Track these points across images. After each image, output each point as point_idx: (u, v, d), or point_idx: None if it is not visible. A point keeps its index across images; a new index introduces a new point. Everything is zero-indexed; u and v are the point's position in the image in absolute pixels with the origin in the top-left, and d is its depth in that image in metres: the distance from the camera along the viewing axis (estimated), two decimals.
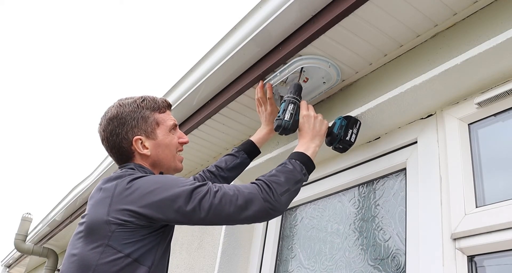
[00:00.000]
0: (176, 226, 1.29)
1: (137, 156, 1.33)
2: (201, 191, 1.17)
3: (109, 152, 1.36)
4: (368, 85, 1.68)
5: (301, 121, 1.44)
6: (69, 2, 27.87)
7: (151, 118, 1.34)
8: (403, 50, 1.57)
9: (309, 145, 1.39)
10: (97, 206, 1.20)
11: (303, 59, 1.64)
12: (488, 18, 1.32)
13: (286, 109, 1.44)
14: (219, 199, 1.17)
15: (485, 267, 1.21)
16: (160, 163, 1.35)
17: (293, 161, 1.32)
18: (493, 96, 1.30)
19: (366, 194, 1.73)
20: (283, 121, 1.41)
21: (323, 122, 1.46)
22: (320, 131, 1.44)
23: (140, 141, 1.31)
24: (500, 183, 1.27)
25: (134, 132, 1.31)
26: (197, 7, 32.80)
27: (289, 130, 1.42)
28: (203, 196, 1.16)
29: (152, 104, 1.37)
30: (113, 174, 1.27)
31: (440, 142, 1.43)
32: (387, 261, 1.51)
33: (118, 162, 1.36)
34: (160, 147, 1.34)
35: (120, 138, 1.31)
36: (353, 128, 1.51)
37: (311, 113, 1.45)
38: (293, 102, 1.45)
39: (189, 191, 1.16)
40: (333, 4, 1.45)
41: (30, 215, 5.78)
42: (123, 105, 1.34)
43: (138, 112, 1.33)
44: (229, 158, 1.74)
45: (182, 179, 1.22)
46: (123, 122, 1.31)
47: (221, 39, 1.83)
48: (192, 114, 2.26)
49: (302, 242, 1.94)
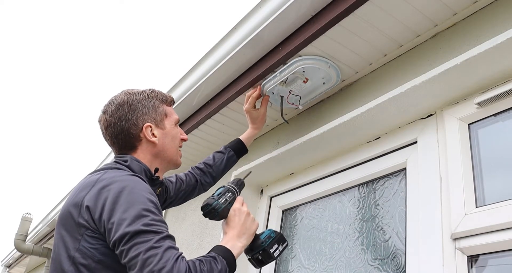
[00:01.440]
0: (175, 225, 1.29)
1: (144, 144, 1.31)
2: (144, 240, 1.02)
3: (113, 138, 1.31)
4: (368, 85, 1.68)
5: (231, 212, 1.31)
6: (70, 2, 27.85)
7: (160, 108, 1.36)
8: (403, 50, 1.57)
9: (236, 243, 1.24)
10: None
11: (303, 59, 1.64)
12: (488, 18, 1.32)
13: (223, 194, 1.34)
14: (148, 257, 1.01)
15: (485, 267, 1.21)
16: (165, 153, 1.35)
17: (221, 258, 1.14)
18: (493, 96, 1.30)
19: (366, 194, 1.73)
20: (215, 202, 1.30)
21: (254, 222, 1.33)
22: (249, 230, 1.29)
23: (150, 129, 1.31)
24: (500, 183, 1.27)
25: (144, 119, 1.31)
26: (197, 7, 32.75)
27: (217, 214, 1.30)
28: (140, 243, 1.02)
29: (160, 96, 1.38)
30: (95, 174, 1.23)
31: (440, 142, 1.43)
32: (387, 261, 1.51)
33: (119, 150, 1.33)
34: (167, 137, 1.35)
35: (129, 123, 1.29)
36: (280, 244, 1.37)
37: (244, 209, 1.33)
38: (232, 191, 1.37)
39: (137, 231, 1.03)
40: (333, 4, 1.45)
41: (30, 215, 5.78)
42: (132, 93, 1.34)
43: (148, 101, 1.34)
44: (217, 155, 1.76)
45: (148, 213, 1.08)
46: (134, 109, 1.31)
47: (221, 39, 1.83)
48: (192, 114, 2.27)
49: (302, 242, 1.94)
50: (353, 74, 1.72)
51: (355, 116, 1.61)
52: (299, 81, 1.69)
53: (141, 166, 1.27)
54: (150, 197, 1.12)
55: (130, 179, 1.15)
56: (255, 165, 2.08)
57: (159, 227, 1.06)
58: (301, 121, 1.96)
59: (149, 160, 1.32)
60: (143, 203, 1.08)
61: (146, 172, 1.28)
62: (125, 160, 1.27)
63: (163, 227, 1.08)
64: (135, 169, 1.25)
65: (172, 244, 1.06)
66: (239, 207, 1.33)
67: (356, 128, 1.68)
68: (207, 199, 1.33)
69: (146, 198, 1.10)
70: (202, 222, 2.41)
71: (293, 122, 2.01)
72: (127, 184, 1.12)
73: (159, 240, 1.03)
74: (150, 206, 1.09)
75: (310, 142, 1.82)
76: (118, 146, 1.32)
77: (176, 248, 1.05)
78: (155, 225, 1.05)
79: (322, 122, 1.79)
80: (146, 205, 1.08)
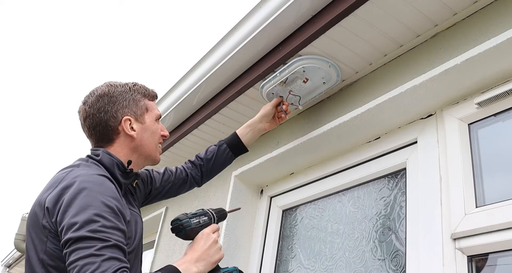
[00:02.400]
0: None
1: (122, 137, 1.29)
2: (86, 246, 0.98)
3: (91, 130, 1.29)
4: (368, 85, 1.68)
5: (199, 235, 1.26)
6: (70, 2, 27.87)
7: (141, 102, 1.33)
8: (403, 50, 1.57)
9: (190, 267, 1.16)
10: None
11: (303, 59, 1.64)
12: (488, 18, 1.32)
13: (199, 215, 1.31)
14: (85, 263, 0.97)
15: (485, 267, 1.21)
16: (143, 148, 1.32)
17: None
18: (493, 96, 1.30)
19: (366, 194, 1.73)
20: (186, 220, 1.26)
21: (220, 252, 1.26)
22: (211, 257, 1.22)
23: (129, 122, 1.29)
24: (500, 183, 1.27)
25: (124, 112, 1.28)
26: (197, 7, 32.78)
27: (184, 232, 1.26)
28: (81, 248, 0.98)
29: (143, 90, 1.36)
30: (64, 170, 1.20)
31: (440, 142, 1.43)
32: (387, 261, 1.51)
33: (96, 142, 1.30)
34: (146, 132, 1.32)
35: (108, 115, 1.27)
36: None
37: (214, 236, 1.27)
38: (209, 217, 1.33)
39: (81, 237, 0.99)
40: (333, 4, 1.45)
41: None
42: (114, 85, 1.32)
43: (129, 94, 1.31)
44: (211, 148, 1.72)
45: (99, 218, 1.03)
46: (114, 101, 1.28)
47: (221, 39, 1.83)
48: (192, 114, 2.27)
49: (302, 242, 1.94)
50: (353, 74, 1.72)
51: (355, 116, 1.61)
52: (299, 81, 1.69)
53: (113, 159, 1.24)
54: (108, 201, 1.07)
55: (92, 180, 1.11)
56: (255, 165, 2.08)
57: (107, 234, 1.00)
58: (301, 121, 1.96)
59: (125, 154, 1.29)
60: (97, 208, 1.04)
61: (118, 165, 1.25)
62: (97, 154, 1.25)
63: (114, 235, 1.02)
64: (106, 163, 1.23)
65: (117, 254, 0.99)
66: (208, 232, 1.27)
67: (356, 128, 1.68)
68: (181, 214, 1.30)
69: (102, 202, 1.05)
70: None
71: (293, 122, 2.01)
72: (85, 186, 1.08)
73: (101, 248, 0.98)
74: (104, 211, 1.04)
75: (310, 142, 1.82)
76: (95, 138, 1.30)
77: (120, 260, 0.99)
78: (103, 232, 1.00)
79: (322, 122, 1.79)
80: (100, 210, 1.04)
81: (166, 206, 2.93)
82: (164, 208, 2.92)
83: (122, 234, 1.06)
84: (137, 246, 1.23)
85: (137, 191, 1.43)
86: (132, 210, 1.28)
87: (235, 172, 2.22)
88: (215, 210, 1.37)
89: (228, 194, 2.20)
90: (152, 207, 3.14)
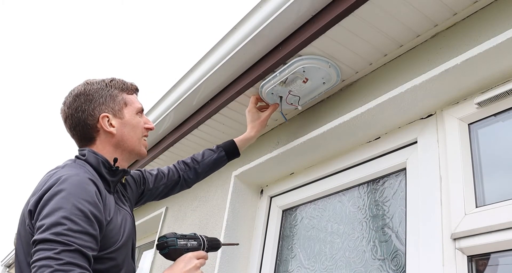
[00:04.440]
0: (175, 225, 1.28)
1: (102, 135, 1.28)
2: (47, 247, 0.97)
3: (72, 131, 1.30)
4: (368, 85, 1.68)
5: (181, 257, 1.24)
6: (70, 2, 27.88)
7: (119, 97, 1.32)
8: (403, 50, 1.57)
9: None
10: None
11: (303, 59, 1.64)
12: (488, 18, 1.32)
13: (188, 238, 1.29)
14: (41, 265, 0.96)
15: (485, 267, 1.21)
16: (125, 144, 1.31)
17: None
18: (493, 96, 1.30)
19: (366, 194, 1.73)
20: (172, 239, 1.25)
21: None
22: None
23: (107, 119, 1.28)
24: (500, 183, 1.27)
25: (101, 109, 1.28)
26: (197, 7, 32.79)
27: (167, 250, 1.25)
28: (42, 250, 0.98)
29: (120, 84, 1.35)
30: (51, 171, 1.20)
31: (440, 142, 1.43)
32: (387, 261, 1.51)
33: (80, 141, 1.31)
34: (126, 127, 1.31)
35: (86, 114, 1.27)
36: None
37: (195, 262, 1.24)
38: (199, 243, 1.31)
39: (43, 239, 0.98)
40: (333, 4, 1.45)
41: None
42: (90, 83, 1.31)
43: (106, 90, 1.31)
44: (207, 152, 1.72)
45: (67, 221, 1.02)
46: (90, 99, 1.28)
47: (221, 39, 1.83)
48: (192, 114, 2.27)
49: (302, 242, 1.94)
50: (353, 74, 1.72)
51: (355, 116, 1.61)
52: (298, 81, 1.69)
53: (98, 158, 1.24)
54: (81, 204, 1.05)
55: (70, 182, 1.09)
56: (255, 165, 2.08)
57: (71, 238, 0.99)
58: (301, 121, 1.96)
59: (109, 151, 1.29)
60: (67, 211, 1.02)
61: (104, 163, 1.25)
62: (83, 153, 1.25)
63: (78, 239, 1.00)
64: (92, 162, 1.23)
65: (76, 260, 0.97)
66: (191, 256, 1.25)
67: (356, 128, 1.68)
68: (170, 233, 1.28)
69: (74, 205, 1.04)
70: (202, 222, 2.41)
71: (293, 122, 2.01)
72: (62, 188, 1.07)
73: (61, 252, 0.96)
74: (74, 214, 1.02)
75: (310, 142, 1.82)
76: (77, 138, 1.30)
77: (79, 265, 0.97)
78: (66, 236, 0.99)
79: (322, 122, 1.79)
80: (70, 212, 1.02)
81: (166, 206, 2.93)
82: (164, 208, 2.92)
83: (91, 238, 1.04)
84: (126, 242, 1.22)
85: (129, 190, 1.43)
86: (122, 207, 1.29)
87: (235, 172, 2.22)
88: (208, 238, 1.34)
89: (228, 194, 2.20)
90: (152, 207, 3.14)
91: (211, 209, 2.37)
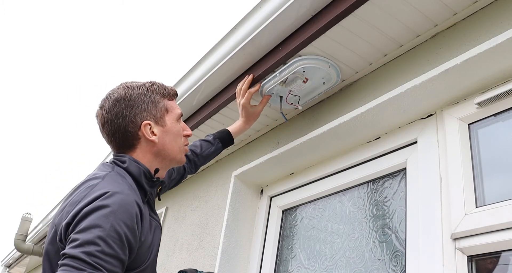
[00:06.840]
0: (175, 225, 1.27)
1: (143, 143, 1.23)
2: (75, 266, 0.95)
3: (110, 136, 1.23)
4: (368, 85, 1.68)
5: None
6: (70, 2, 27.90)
7: (161, 104, 1.26)
8: (403, 50, 1.57)
9: None
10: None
11: (303, 59, 1.64)
12: (488, 18, 1.32)
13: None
14: None
15: (485, 267, 1.21)
16: (166, 152, 1.26)
17: None
18: (493, 96, 1.30)
19: (366, 194, 1.73)
20: None
21: None
22: None
23: (149, 126, 1.22)
24: (500, 183, 1.27)
25: (143, 116, 1.22)
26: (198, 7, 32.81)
27: None
28: (70, 266, 0.95)
29: (162, 89, 1.29)
30: (92, 180, 1.14)
31: (440, 142, 1.43)
32: (387, 261, 1.51)
33: (118, 148, 1.24)
34: (168, 135, 1.26)
35: (127, 121, 1.20)
36: None
37: None
38: None
39: (74, 256, 0.96)
40: (333, 4, 1.45)
41: (30, 215, 5.79)
42: (131, 87, 1.24)
43: (148, 96, 1.24)
44: (205, 144, 1.71)
45: (101, 242, 0.99)
46: (132, 104, 1.21)
47: (221, 39, 1.83)
48: (192, 114, 2.27)
49: (302, 242, 1.94)
50: (353, 74, 1.72)
51: (355, 116, 1.61)
52: (298, 81, 1.69)
53: (140, 168, 1.20)
54: (119, 227, 1.02)
55: (115, 201, 1.05)
56: (255, 165, 2.08)
57: (101, 261, 0.96)
58: (301, 121, 1.96)
59: (149, 160, 1.24)
60: (105, 231, 0.99)
61: (145, 174, 1.21)
62: (123, 160, 1.20)
63: (108, 263, 0.98)
64: (134, 172, 1.19)
65: None
66: None
67: (356, 128, 1.68)
68: (191, 268, 1.27)
69: (113, 226, 1.00)
70: (202, 222, 2.41)
71: (293, 122, 2.01)
72: (106, 204, 1.03)
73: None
74: (111, 236, 0.99)
75: (310, 142, 1.82)
76: (115, 145, 1.24)
77: None
78: (97, 258, 0.96)
79: (322, 122, 1.79)
80: (107, 233, 0.99)
81: (166, 206, 2.93)
82: (164, 208, 2.92)
83: (120, 263, 1.01)
84: (153, 260, 1.20)
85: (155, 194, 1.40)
86: (153, 218, 1.25)
87: (235, 172, 2.22)
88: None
89: (228, 194, 2.20)
90: None
91: (211, 209, 2.37)
